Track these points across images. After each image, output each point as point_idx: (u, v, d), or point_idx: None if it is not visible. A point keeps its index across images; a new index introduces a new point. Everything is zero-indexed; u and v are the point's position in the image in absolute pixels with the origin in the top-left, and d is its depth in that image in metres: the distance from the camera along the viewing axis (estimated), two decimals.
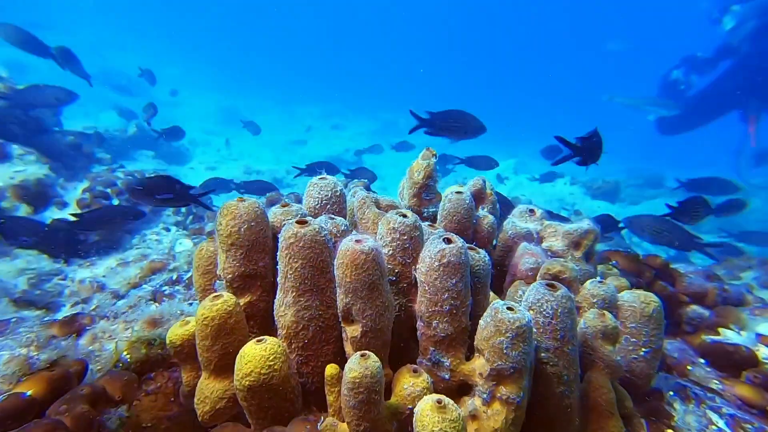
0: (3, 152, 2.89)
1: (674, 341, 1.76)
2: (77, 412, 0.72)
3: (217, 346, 0.90)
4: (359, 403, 0.80)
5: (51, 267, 2.44)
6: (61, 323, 1.45)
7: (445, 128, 2.41)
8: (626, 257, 2.01)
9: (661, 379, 1.48)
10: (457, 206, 1.42)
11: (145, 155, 6.31)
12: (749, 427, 1.07)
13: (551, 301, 1.01)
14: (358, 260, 0.85)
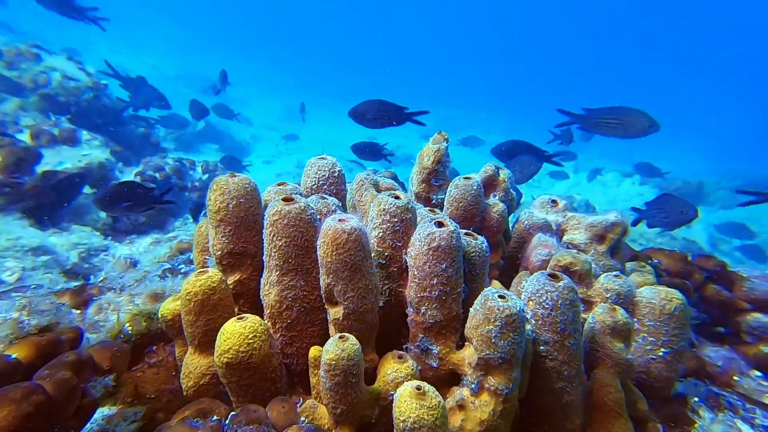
0: (74, 137, 3.20)
1: (721, 349, 1.60)
2: (58, 378, 0.73)
3: (200, 322, 0.90)
4: (335, 386, 0.77)
5: (100, 243, 2.61)
6: (71, 292, 1.51)
7: (601, 124, 2.28)
8: (670, 256, 1.85)
9: (690, 385, 1.37)
10: (464, 192, 1.36)
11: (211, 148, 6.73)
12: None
13: (551, 292, 0.94)
14: (340, 240, 0.81)
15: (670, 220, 2.18)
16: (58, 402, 0.72)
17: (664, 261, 1.83)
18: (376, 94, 9.34)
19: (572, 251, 1.30)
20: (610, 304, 1.08)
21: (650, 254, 1.88)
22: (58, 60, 3.89)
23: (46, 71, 3.68)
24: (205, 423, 0.69)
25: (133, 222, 2.93)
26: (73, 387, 0.75)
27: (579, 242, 1.57)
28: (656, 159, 6.20)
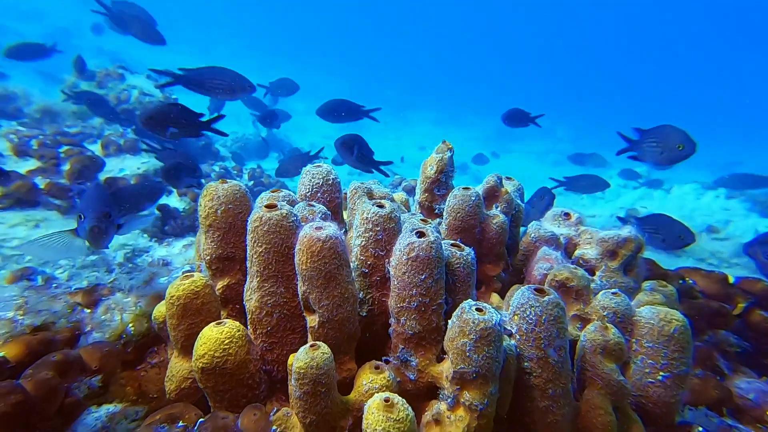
0: (136, 147, 3.59)
1: (756, 381, 1.48)
2: (39, 378, 0.76)
3: (183, 326, 0.92)
4: (304, 395, 0.77)
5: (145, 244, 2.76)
6: (84, 292, 1.58)
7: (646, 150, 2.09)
8: (708, 277, 1.72)
9: (700, 414, 1.29)
10: (462, 203, 1.35)
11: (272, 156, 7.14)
12: None
13: (535, 307, 0.91)
14: (314, 248, 0.82)
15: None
16: (38, 402, 0.75)
17: (700, 282, 1.72)
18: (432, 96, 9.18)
19: (570, 266, 1.26)
20: (602, 323, 1.04)
21: (684, 274, 1.77)
22: (138, 79, 4.39)
23: (128, 89, 4.20)
24: (171, 429, 0.71)
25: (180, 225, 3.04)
26: (54, 387, 0.78)
27: (590, 257, 1.53)
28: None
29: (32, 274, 1.86)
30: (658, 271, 1.78)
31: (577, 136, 14.39)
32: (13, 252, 2.33)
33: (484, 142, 12.31)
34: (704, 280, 1.75)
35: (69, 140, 3.21)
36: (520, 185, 1.80)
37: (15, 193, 2.51)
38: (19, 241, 2.33)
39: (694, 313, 1.60)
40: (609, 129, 8.94)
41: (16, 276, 1.66)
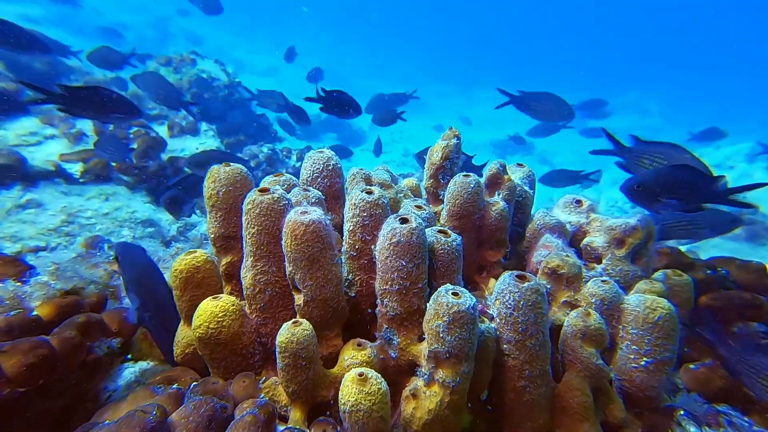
0: (195, 128, 3.98)
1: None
2: (64, 336, 0.88)
3: (185, 297, 1.01)
4: (286, 366, 0.85)
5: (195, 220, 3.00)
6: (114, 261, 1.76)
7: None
8: (744, 267, 1.64)
9: (688, 399, 1.29)
10: (461, 190, 1.35)
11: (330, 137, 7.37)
12: None
13: (514, 293, 0.94)
14: (298, 231, 0.88)
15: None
16: (62, 356, 0.86)
17: (734, 272, 1.64)
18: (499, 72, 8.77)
19: (562, 254, 1.27)
20: (584, 309, 1.05)
21: (717, 264, 1.70)
22: (207, 63, 4.90)
23: (198, 73, 4.71)
24: (166, 389, 0.80)
25: None
26: (77, 344, 0.89)
27: (597, 245, 1.51)
28: None
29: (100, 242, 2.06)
30: (684, 261, 1.72)
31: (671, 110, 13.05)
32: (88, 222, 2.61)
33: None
34: (739, 270, 1.66)
35: (139, 122, 3.53)
36: (531, 172, 1.78)
37: (93, 169, 2.84)
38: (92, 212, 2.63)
39: (721, 304, 1.53)
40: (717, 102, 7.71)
41: (88, 243, 1.85)
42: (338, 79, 11.83)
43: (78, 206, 2.63)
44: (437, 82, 15.44)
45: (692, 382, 1.34)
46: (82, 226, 2.58)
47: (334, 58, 14.67)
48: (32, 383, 0.77)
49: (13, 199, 2.44)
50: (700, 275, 1.66)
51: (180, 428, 0.68)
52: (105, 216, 2.69)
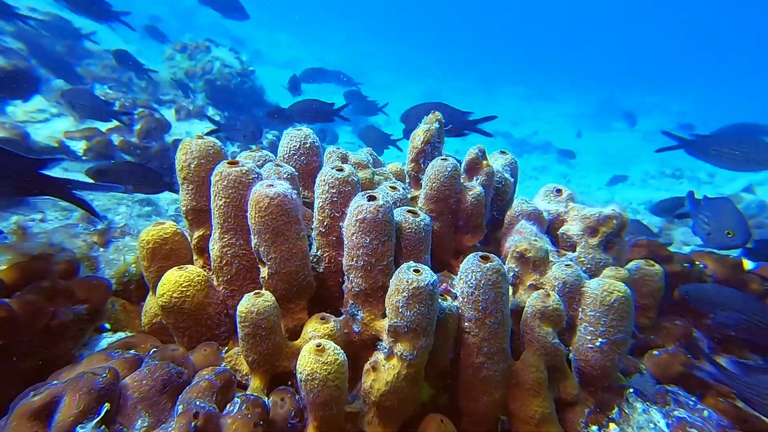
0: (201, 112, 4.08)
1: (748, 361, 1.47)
2: (25, 299, 0.88)
3: (153, 268, 1.02)
4: (245, 336, 0.86)
5: None
6: (98, 233, 1.75)
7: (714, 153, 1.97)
8: (720, 262, 1.69)
9: (642, 380, 1.35)
10: (438, 173, 1.36)
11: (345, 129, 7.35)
12: (693, 431, 0.95)
13: (476, 272, 0.96)
14: (262, 204, 0.88)
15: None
16: (23, 319, 0.86)
17: (711, 266, 1.70)
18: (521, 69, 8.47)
19: (529, 238, 1.30)
20: (545, 291, 1.08)
21: (695, 257, 1.75)
22: (222, 51, 4.93)
23: (212, 60, 4.75)
24: (122, 354, 0.81)
25: None
26: (39, 309, 0.89)
27: (572, 233, 1.54)
28: None
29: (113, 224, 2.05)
30: (662, 253, 1.76)
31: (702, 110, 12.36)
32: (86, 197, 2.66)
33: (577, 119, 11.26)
34: (716, 264, 1.70)
35: (143, 103, 3.57)
36: (513, 160, 1.79)
37: (96, 147, 2.87)
38: None
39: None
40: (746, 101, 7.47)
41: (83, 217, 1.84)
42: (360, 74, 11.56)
43: None
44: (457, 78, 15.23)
45: (654, 367, 1.39)
46: None
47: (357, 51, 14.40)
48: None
49: None
50: (676, 268, 1.70)
51: (132, 390, 0.70)
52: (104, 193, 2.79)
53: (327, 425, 0.85)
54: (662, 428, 0.96)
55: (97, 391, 0.64)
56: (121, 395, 0.70)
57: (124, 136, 3.08)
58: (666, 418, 0.97)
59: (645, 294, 1.46)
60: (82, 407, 0.62)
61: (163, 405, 0.72)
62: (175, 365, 0.78)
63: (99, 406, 0.64)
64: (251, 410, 0.77)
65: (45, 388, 0.65)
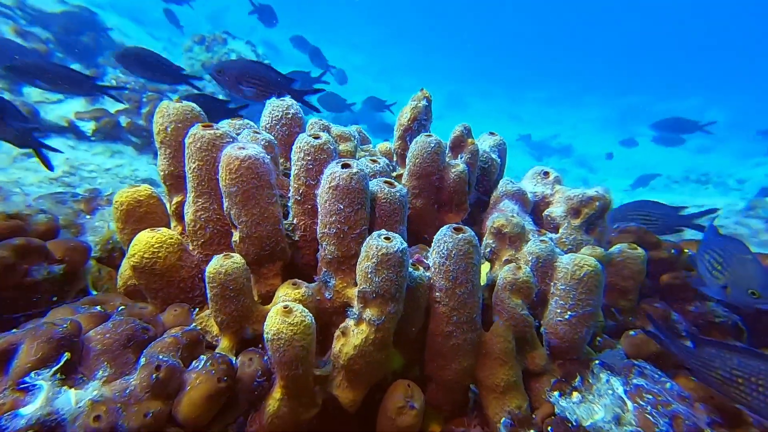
0: None
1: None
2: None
3: (127, 230, 1.02)
4: (214, 296, 0.87)
5: None
6: (85, 200, 1.76)
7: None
8: None
9: (611, 354, 1.37)
10: (421, 149, 1.36)
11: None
12: (649, 397, 0.98)
13: (448, 242, 0.97)
14: (232, 165, 0.88)
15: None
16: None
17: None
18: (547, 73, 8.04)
19: (507, 214, 1.30)
20: (516, 264, 1.10)
21: (685, 245, 1.74)
22: (238, 43, 5.06)
23: (228, 52, 4.86)
24: (89, 309, 0.82)
25: None
26: (8, 265, 0.89)
27: (556, 215, 1.55)
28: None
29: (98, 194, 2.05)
30: (649, 240, 1.77)
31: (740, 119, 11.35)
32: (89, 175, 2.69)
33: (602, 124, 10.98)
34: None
35: (154, 87, 3.60)
36: (502, 141, 1.79)
37: (104, 128, 2.94)
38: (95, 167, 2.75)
39: (680, 283, 1.59)
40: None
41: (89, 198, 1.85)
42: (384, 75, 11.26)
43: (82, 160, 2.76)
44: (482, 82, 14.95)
45: (629, 347, 1.40)
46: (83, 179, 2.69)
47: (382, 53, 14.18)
48: None
49: None
50: (663, 254, 1.70)
51: (95, 343, 0.71)
52: (107, 171, 2.82)
53: (294, 385, 0.87)
54: (620, 394, 0.99)
55: (56, 340, 0.65)
56: (84, 347, 0.71)
57: (131, 117, 3.13)
58: (625, 386, 0.99)
59: (626, 276, 1.46)
60: (40, 355, 0.63)
61: (127, 358, 0.73)
62: (142, 322, 0.79)
63: (58, 355, 0.65)
64: (216, 366, 0.78)
65: (2, 335, 0.66)
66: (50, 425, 0.61)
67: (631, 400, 0.97)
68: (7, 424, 0.58)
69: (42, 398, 0.61)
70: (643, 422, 0.92)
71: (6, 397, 0.61)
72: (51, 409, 0.62)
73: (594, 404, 0.97)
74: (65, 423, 0.62)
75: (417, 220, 1.44)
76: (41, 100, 3.06)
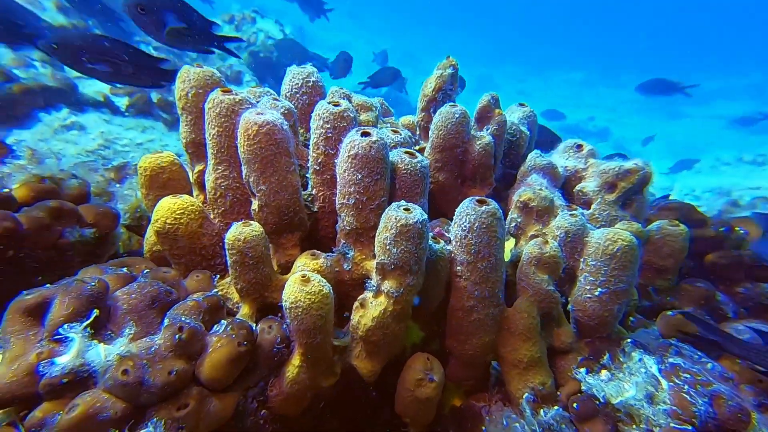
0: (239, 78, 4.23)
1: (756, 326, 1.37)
2: (32, 215, 0.92)
3: (151, 196, 1.04)
4: (234, 264, 0.88)
5: None
6: (115, 169, 1.83)
7: None
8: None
9: (646, 333, 1.30)
10: (445, 120, 1.30)
11: None
12: (686, 376, 0.93)
13: (470, 215, 0.93)
14: (250, 131, 0.86)
15: None
16: (30, 233, 0.91)
17: (754, 232, 1.58)
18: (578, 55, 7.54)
19: (535, 187, 1.24)
20: (543, 238, 1.05)
21: (736, 223, 1.62)
22: (267, 23, 5.05)
23: (257, 32, 4.90)
24: (115, 270, 0.84)
25: None
26: (44, 225, 0.93)
27: (588, 190, 1.46)
28: None
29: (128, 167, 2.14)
30: (694, 217, 1.65)
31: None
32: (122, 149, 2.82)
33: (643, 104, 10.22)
34: (758, 231, 1.59)
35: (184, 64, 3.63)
36: (532, 113, 1.69)
37: (137, 103, 3.06)
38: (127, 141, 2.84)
39: (728, 262, 1.48)
40: None
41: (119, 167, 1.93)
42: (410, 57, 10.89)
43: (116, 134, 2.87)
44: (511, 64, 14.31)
45: (666, 327, 1.31)
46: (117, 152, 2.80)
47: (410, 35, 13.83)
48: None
49: (60, 119, 2.66)
50: (710, 233, 1.58)
51: (122, 302, 0.73)
52: (138, 146, 2.91)
53: (312, 353, 0.87)
54: (653, 373, 0.94)
55: (85, 296, 0.68)
56: (112, 306, 0.73)
57: (162, 94, 3.23)
58: (659, 364, 0.94)
59: (665, 255, 1.35)
60: (71, 309, 0.66)
61: (152, 319, 0.76)
62: (166, 286, 0.81)
63: (88, 310, 0.68)
64: (236, 331, 0.79)
65: (37, 289, 0.69)
66: (83, 376, 0.64)
67: (666, 379, 0.92)
68: (44, 370, 0.62)
69: (74, 350, 0.64)
70: (678, 401, 0.88)
71: (44, 346, 0.64)
72: (83, 361, 0.64)
73: (624, 382, 0.93)
74: (96, 374, 0.65)
75: (439, 195, 1.40)
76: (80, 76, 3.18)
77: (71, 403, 0.62)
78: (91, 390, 0.64)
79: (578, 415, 0.94)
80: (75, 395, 0.63)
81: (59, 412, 0.62)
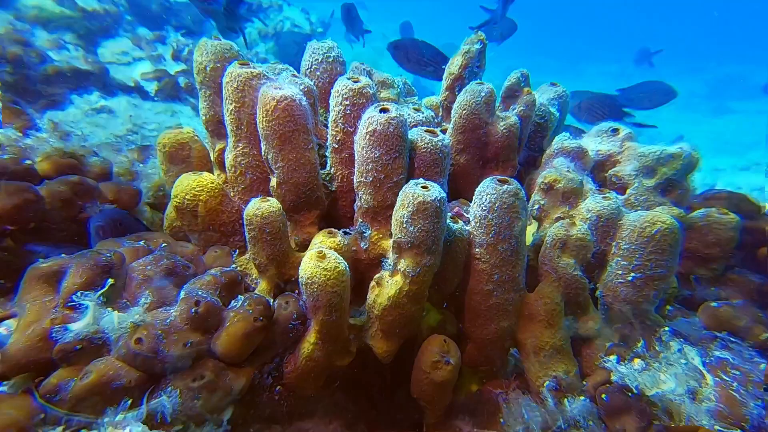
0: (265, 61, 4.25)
1: None
2: (52, 188, 0.95)
3: (171, 173, 1.05)
4: (252, 239, 0.88)
5: None
6: (138, 149, 1.86)
7: None
8: None
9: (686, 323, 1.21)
10: (470, 98, 1.23)
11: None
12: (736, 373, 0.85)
13: (491, 194, 0.90)
14: (269, 106, 0.85)
15: None
16: (50, 206, 0.93)
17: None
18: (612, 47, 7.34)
19: (562, 169, 1.18)
20: (570, 219, 1.00)
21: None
22: (293, 11, 5.11)
23: (283, 20, 4.96)
24: (133, 243, 0.85)
25: None
26: (65, 199, 0.95)
27: (624, 174, 1.36)
28: None
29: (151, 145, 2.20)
30: (746, 207, 1.52)
31: None
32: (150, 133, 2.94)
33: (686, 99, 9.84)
34: None
35: None
36: (564, 93, 1.60)
37: (165, 88, 3.17)
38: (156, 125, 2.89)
39: None
40: None
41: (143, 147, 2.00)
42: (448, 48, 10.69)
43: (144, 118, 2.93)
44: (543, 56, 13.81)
45: (710, 318, 1.20)
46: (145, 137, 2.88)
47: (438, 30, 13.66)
48: (20, 223, 0.85)
49: (91, 102, 2.76)
50: (764, 224, 1.46)
51: (137, 273, 0.74)
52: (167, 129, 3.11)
53: (328, 330, 0.87)
54: (696, 365, 0.87)
55: (100, 266, 0.69)
56: (128, 276, 0.74)
57: (190, 79, 3.29)
58: (703, 357, 0.88)
59: (710, 243, 1.25)
60: (85, 278, 0.67)
61: (168, 291, 0.76)
62: (183, 260, 0.82)
63: (103, 280, 0.69)
64: (253, 306, 0.79)
65: (52, 258, 0.71)
66: (97, 342, 0.65)
67: (711, 374, 0.86)
68: (58, 336, 0.63)
69: (89, 317, 0.65)
70: (726, 399, 0.81)
71: (58, 312, 0.66)
72: (97, 328, 0.66)
73: (661, 372, 0.87)
74: (110, 342, 0.66)
75: (460, 178, 1.34)
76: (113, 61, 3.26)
77: (85, 369, 0.63)
78: (105, 357, 0.66)
79: (608, 409, 0.87)
80: (89, 362, 0.65)
81: (74, 378, 0.63)
